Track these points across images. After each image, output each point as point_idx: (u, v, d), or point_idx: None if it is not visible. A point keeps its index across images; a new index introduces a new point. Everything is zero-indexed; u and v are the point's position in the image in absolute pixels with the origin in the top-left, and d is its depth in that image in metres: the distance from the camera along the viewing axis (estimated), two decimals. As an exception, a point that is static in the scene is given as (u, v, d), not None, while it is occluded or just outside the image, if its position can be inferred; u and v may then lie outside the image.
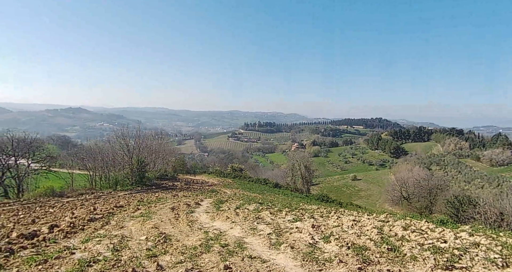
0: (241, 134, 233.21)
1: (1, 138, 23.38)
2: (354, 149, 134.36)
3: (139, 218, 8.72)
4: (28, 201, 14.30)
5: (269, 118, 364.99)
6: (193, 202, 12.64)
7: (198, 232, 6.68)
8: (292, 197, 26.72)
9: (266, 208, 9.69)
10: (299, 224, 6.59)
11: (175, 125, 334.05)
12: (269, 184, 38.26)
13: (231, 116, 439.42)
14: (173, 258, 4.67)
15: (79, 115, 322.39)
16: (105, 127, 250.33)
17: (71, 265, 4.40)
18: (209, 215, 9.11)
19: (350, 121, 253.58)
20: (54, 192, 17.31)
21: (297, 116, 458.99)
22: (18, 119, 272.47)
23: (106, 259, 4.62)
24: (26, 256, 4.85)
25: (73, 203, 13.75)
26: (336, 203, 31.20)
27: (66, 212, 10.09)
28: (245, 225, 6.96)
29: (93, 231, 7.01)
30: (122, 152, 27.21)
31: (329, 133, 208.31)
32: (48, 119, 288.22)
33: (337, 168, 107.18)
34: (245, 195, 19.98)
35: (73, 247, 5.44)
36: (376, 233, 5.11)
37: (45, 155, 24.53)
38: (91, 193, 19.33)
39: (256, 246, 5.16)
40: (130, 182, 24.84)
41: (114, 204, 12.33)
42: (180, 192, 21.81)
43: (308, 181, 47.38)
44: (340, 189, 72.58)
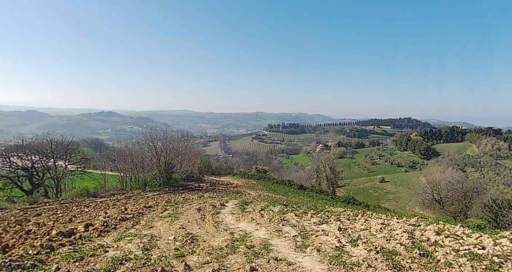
0: (265, 135, 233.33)
1: (42, 140, 25.12)
2: (382, 150, 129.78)
3: (167, 218, 8.96)
4: (65, 201, 15.21)
5: (293, 119, 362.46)
6: (219, 203, 12.81)
7: (224, 233, 6.75)
8: (317, 199, 26.29)
9: (291, 210, 9.61)
10: (325, 226, 6.47)
11: (200, 128, 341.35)
12: (294, 185, 37.87)
13: (255, 118, 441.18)
14: (200, 258, 4.75)
15: (111, 119, 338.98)
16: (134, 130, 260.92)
17: (105, 262, 4.61)
18: (234, 216, 9.18)
19: (377, 122, 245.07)
20: (88, 192, 18.27)
21: (321, 117, 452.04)
22: (57, 123, 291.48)
23: (137, 258, 4.80)
24: (64, 253, 5.15)
25: (105, 203, 14.44)
26: (363, 205, 30.28)
27: (100, 212, 10.61)
28: (270, 226, 6.94)
29: (124, 230, 7.30)
30: (150, 153, 28.22)
31: (354, 134, 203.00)
32: (83, 123, 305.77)
33: (364, 169, 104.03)
34: (269, 197, 19.94)
35: (107, 245, 5.71)
36: (406, 237, 4.89)
37: (80, 157, 26.03)
38: (122, 194, 20.17)
39: (282, 248, 5.13)
40: (158, 183, 25.65)
41: (144, 204, 12.79)
42: (205, 193, 22.19)
43: (334, 183, 46.34)
44: (367, 191, 70.37)
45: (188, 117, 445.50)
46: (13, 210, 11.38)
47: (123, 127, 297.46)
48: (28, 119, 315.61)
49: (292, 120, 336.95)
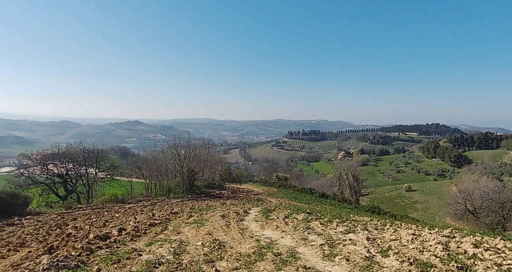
0: (285, 143, 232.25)
1: (75, 149, 26.61)
2: (408, 157, 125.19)
3: (193, 224, 9.18)
4: (97, 206, 15.95)
5: (313, 126, 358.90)
6: (242, 210, 12.92)
7: (249, 240, 6.84)
8: (340, 208, 25.75)
9: (315, 218, 9.54)
10: (352, 235, 6.40)
11: (221, 135, 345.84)
12: (315, 193, 37.34)
13: (275, 125, 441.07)
14: (229, 264, 4.86)
15: (136, 128, 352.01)
16: (158, 138, 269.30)
17: (140, 265, 4.83)
18: (258, 223, 9.25)
19: (402, 128, 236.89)
20: (117, 198, 19.06)
21: (342, 123, 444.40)
22: (87, 132, 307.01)
23: (169, 262, 5.00)
24: (103, 255, 5.45)
25: (133, 209, 14.99)
26: (389, 215, 29.25)
27: (130, 217, 11.06)
28: (296, 234, 6.95)
29: (154, 235, 7.57)
30: (174, 161, 29.04)
31: (378, 141, 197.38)
32: (111, 132, 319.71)
33: (389, 177, 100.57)
34: (291, 205, 19.79)
35: (140, 249, 5.96)
36: (441, 249, 4.75)
37: (109, 164, 27.26)
38: (147, 200, 20.85)
39: (309, 257, 5.15)
40: (181, 190, 26.26)
41: (170, 211, 13.15)
42: (227, 200, 22.42)
43: (357, 191, 45.09)
44: (392, 200, 67.81)
45: (209, 125, 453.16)
46: (51, 215, 12.13)
47: (148, 135, 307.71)
48: (63, 129, 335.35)
49: (313, 127, 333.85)
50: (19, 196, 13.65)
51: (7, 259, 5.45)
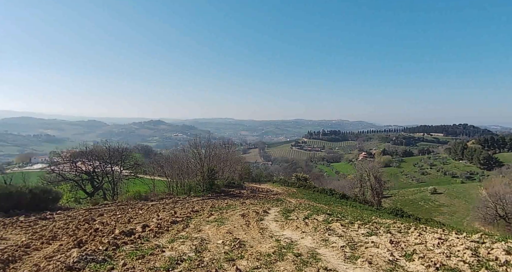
0: (304, 143, 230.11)
1: (101, 147, 27.76)
2: (433, 159, 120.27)
3: (213, 223, 9.31)
4: (121, 203, 16.57)
5: (333, 126, 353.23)
6: (261, 210, 12.95)
7: (269, 239, 6.85)
8: (361, 209, 25.18)
9: (336, 219, 9.39)
10: (374, 238, 6.25)
11: (241, 135, 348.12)
12: (336, 194, 36.71)
13: (294, 125, 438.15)
14: (250, 263, 4.89)
15: (158, 127, 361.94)
16: (179, 137, 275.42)
17: (163, 261, 4.97)
18: (278, 223, 9.24)
19: (427, 129, 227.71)
20: (140, 196, 19.68)
21: (364, 123, 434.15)
22: (113, 131, 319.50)
23: (191, 259, 5.10)
24: (128, 251, 5.66)
25: (156, 207, 15.43)
26: (413, 218, 28.25)
27: (153, 214, 11.40)
28: (316, 235, 6.88)
29: (176, 233, 7.76)
30: (194, 160, 29.57)
31: (401, 141, 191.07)
32: (135, 131, 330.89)
33: (412, 179, 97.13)
34: (311, 205, 19.58)
35: (163, 246, 6.13)
36: (470, 254, 4.54)
37: (133, 163, 28.17)
38: (169, 198, 21.37)
39: (330, 258, 5.08)
40: (201, 189, 26.68)
41: (191, 209, 13.42)
42: (247, 199, 22.55)
43: (379, 193, 43.96)
44: (416, 203, 65.40)
45: (229, 125, 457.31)
46: (80, 210, 12.75)
47: (169, 135, 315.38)
48: (90, 128, 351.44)
49: (333, 127, 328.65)
50: (50, 191, 14.45)
51: (41, 251, 5.79)
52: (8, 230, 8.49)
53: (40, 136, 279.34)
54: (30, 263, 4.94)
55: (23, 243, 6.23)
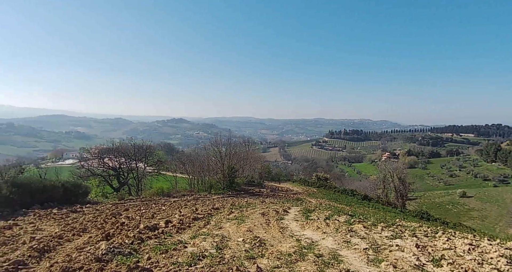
0: (325, 142, 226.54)
1: (126, 144, 28.82)
2: (462, 161, 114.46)
3: (234, 221, 9.40)
4: (145, 199, 17.13)
5: (355, 125, 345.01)
6: (281, 209, 12.90)
7: (290, 239, 6.82)
8: (385, 211, 24.47)
9: (358, 220, 9.18)
10: (399, 241, 6.05)
11: (261, 133, 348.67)
12: (357, 195, 35.91)
13: (315, 124, 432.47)
14: (270, 262, 4.90)
15: (180, 125, 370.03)
16: (200, 135, 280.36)
17: (185, 257, 5.08)
18: (298, 223, 9.18)
19: (456, 129, 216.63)
20: (163, 192, 20.25)
21: (388, 123, 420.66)
22: (137, 129, 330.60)
23: (212, 255, 5.18)
24: (152, 245, 5.85)
25: (178, 203, 15.81)
26: (440, 222, 27.08)
27: (175, 210, 11.69)
28: (338, 237, 6.77)
29: (198, 229, 7.90)
30: (215, 158, 29.98)
31: (428, 142, 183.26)
32: (158, 129, 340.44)
33: (440, 181, 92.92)
34: (332, 206, 19.28)
35: (185, 242, 6.27)
36: (505, 263, 4.28)
37: (156, 160, 29.02)
38: (190, 195, 21.82)
39: (353, 260, 4.98)
40: (222, 186, 27.03)
41: (211, 206, 13.62)
42: (266, 198, 22.58)
43: (403, 195, 42.40)
44: (443, 207, 62.53)
45: (249, 123, 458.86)
46: (107, 204, 13.33)
47: (191, 133, 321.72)
48: (116, 126, 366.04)
49: (355, 126, 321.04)
50: (80, 186, 15.21)
51: (72, 242, 6.11)
52: (43, 221, 9.04)
53: (71, 132, 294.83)
54: (63, 253, 5.24)
55: (56, 234, 6.61)
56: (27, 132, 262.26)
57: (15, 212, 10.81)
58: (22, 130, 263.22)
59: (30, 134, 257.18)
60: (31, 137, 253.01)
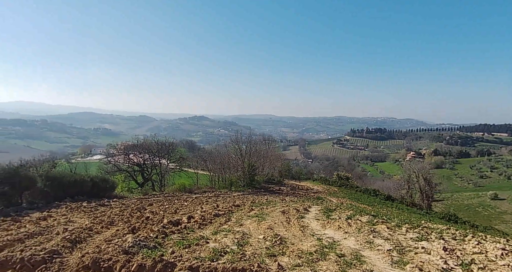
0: (346, 141, 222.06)
1: (150, 141, 29.73)
2: (494, 161, 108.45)
3: (254, 218, 9.45)
4: (168, 194, 17.62)
5: (379, 124, 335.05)
6: (302, 207, 12.82)
7: (310, 238, 6.77)
8: (409, 212, 23.68)
9: (381, 221, 8.95)
10: (425, 243, 5.85)
11: (281, 132, 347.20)
12: (380, 195, 34.97)
13: (336, 122, 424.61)
14: (291, 260, 4.89)
15: (202, 123, 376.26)
16: (221, 133, 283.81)
17: (207, 252, 5.18)
18: (319, 222, 9.09)
19: (488, 128, 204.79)
20: (185, 188, 20.72)
21: (413, 121, 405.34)
22: (160, 126, 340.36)
23: (234, 252, 5.25)
24: (175, 240, 6.01)
25: (199, 199, 16.12)
26: (469, 225, 25.81)
27: (197, 206, 11.94)
28: (360, 237, 6.65)
29: (219, 225, 8.01)
30: (235, 155, 30.24)
31: (456, 141, 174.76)
32: (180, 126, 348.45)
33: (469, 183, 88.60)
34: (353, 205, 18.90)
35: (207, 237, 6.39)
36: (542, 270, 4.04)
37: (179, 156, 29.73)
38: (211, 192, 22.17)
39: (376, 261, 4.88)
40: (242, 184, 27.24)
41: (232, 203, 13.78)
42: (286, 196, 22.50)
43: (429, 196, 40.87)
44: (473, 209, 59.50)
45: (269, 121, 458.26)
46: (132, 199, 13.86)
47: (212, 130, 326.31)
48: (141, 123, 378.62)
49: (378, 125, 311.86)
50: (108, 180, 15.90)
51: (101, 235, 6.41)
52: (74, 213, 9.56)
53: (99, 129, 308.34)
54: (93, 244, 5.51)
55: (86, 226, 6.96)
56: (59, 128, 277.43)
57: (48, 204, 11.49)
58: (54, 127, 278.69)
59: (61, 131, 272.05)
60: (62, 133, 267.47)
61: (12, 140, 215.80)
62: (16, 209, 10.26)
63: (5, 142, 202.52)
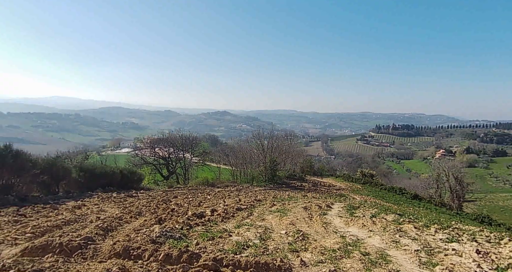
0: (371, 137, 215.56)
1: (174, 135, 30.56)
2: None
3: (276, 213, 9.48)
4: (192, 187, 18.08)
5: (406, 120, 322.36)
6: (324, 204, 12.66)
7: (333, 235, 6.69)
8: (437, 213, 22.68)
9: (408, 220, 8.66)
10: (456, 245, 5.59)
11: (303, 127, 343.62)
12: (406, 194, 33.73)
13: (361, 118, 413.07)
14: (314, 257, 4.87)
15: (224, 118, 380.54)
16: (243, 128, 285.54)
17: (231, 245, 5.28)
18: (342, 219, 8.95)
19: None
20: (208, 182, 21.16)
21: (443, 118, 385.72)
22: (184, 121, 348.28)
23: (256, 245, 5.31)
24: (199, 231, 6.18)
25: (222, 193, 16.40)
26: (505, 227, 24.30)
27: (219, 200, 12.17)
28: (385, 236, 6.48)
29: (241, 219, 8.12)
30: (257, 150, 30.35)
31: (491, 139, 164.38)
32: (203, 121, 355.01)
33: (505, 183, 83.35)
34: (377, 204, 18.42)
35: (229, 230, 6.50)
36: None
37: (202, 151, 30.34)
38: (233, 186, 22.47)
39: (402, 262, 4.74)
40: (263, 179, 27.35)
41: (254, 198, 13.89)
42: (308, 192, 22.31)
43: (460, 196, 38.91)
44: (509, 211, 55.91)
45: (291, 117, 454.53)
46: (158, 191, 14.38)
47: (234, 125, 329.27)
48: (166, 117, 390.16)
49: (405, 121, 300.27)
50: (135, 173, 16.61)
51: (130, 224, 6.72)
52: (105, 203, 10.08)
53: (127, 123, 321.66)
54: (123, 233, 5.80)
55: (117, 215, 7.33)
56: (90, 122, 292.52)
57: (82, 194, 12.21)
58: (86, 121, 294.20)
59: (92, 124, 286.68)
60: (94, 126, 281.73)
61: (50, 132, 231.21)
62: (54, 197, 11.00)
63: (44, 134, 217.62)
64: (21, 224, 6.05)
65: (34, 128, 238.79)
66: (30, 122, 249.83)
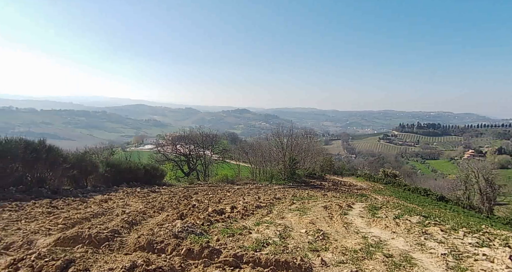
0: (394, 136, 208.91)
1: (195, 133, 31.10)
2: None
3: (295, 212, 9.43)
4: (212, 184, 18.37)
5: (432, 118, 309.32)
6: (345, 204, 12.44)
7: (355, 235, 6.57)
8: (466, 215, 21.68)
9: (434, 223, 8.33)
10: (487, 250, 5.32)
11: (323, 125, 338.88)
12: (432, 195, 32.46)
13: (383, 117, 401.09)
14: (335, 257, 4.81)
15: (244, 115, 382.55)
16: (262, 126, 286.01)
17: (251, 242, 5.31)
18: (364, 219, 8.75)
19: None
20: (227, 179, 21.40)
21: (473, 116, 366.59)
22: (204, 118, 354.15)
23: (276, 243, 5.31)
24: (219, 228, 6.26)
25: (241, 190, 16.53)
26: (539, 234, 22.81)
27: (239, 197, 12.28)
28: (410, 238, 6.28)
29: (261, 217, 8.15)
30: (276, 149, 30.25)
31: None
32: (223, 119, 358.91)
33: (541, 186, 77.83)
34: (401, 205, 17.85)
35: (249, 228, 6.54)
36: None
37: (222, 148, 30.69)
38: (252, 184, 22.57)
39: (428, 265, 4.58)
40: (283, 177, 27.25)
41: (273, 196, 13.89)
42: (328, 192, 22.01)
43: (490, 199, 36.85)
44: (546, 216, 52.41)
45: (311, 115, 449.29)
46: (179, 187, 14.73)
47: (253, 123, 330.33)
48: (187, 115, 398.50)
49: (431, 119, 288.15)
50: (158, 169, 17.08)
51: (153, 219, 6.94)
52: (130, 198, 10.47)
53: (150, 120, 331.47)
54: (146, 227, 5.99)
55: (141, 209, 7.58)
56: (116, 119, 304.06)
57: (108, 188, 12.74)
58: (112, 118, 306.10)
59: (117, 121, 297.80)
60: (119, 123, 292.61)
61: (78, 129, 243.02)
62: (83, 191, 11.57)
63: (74, 131, 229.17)
64: (53, 215, 6.41)
65: (64, 125, 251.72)
66: (61, 119, 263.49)
